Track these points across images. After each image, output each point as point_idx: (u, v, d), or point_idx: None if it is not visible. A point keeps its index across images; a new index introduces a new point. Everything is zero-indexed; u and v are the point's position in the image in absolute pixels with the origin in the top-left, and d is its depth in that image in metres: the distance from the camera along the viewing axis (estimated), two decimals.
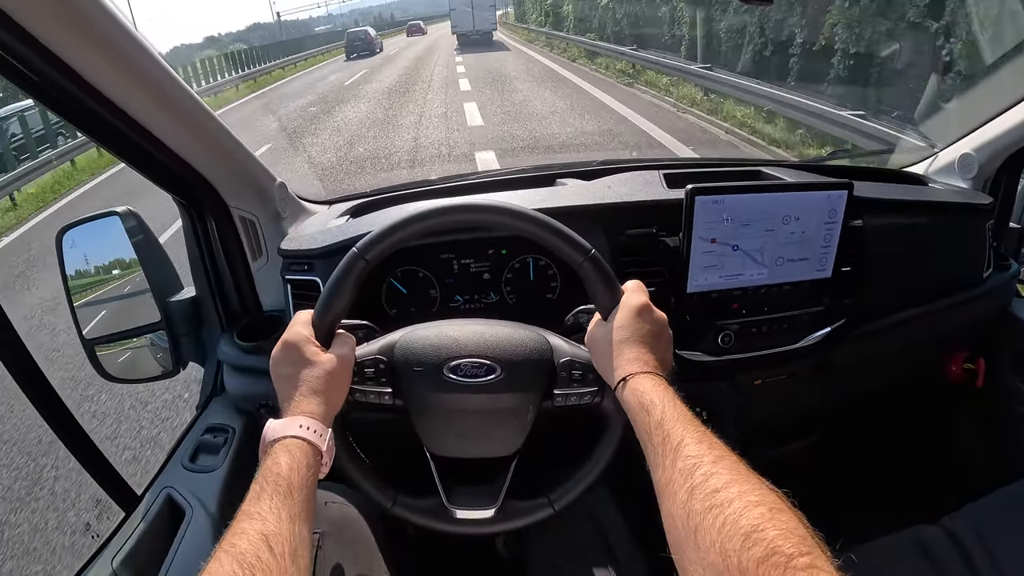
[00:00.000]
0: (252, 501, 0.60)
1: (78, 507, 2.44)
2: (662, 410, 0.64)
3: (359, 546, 0.95)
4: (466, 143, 8.01)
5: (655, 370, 0.71)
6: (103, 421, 3.03)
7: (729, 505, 0.50)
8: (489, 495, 0.84)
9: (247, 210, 1.11)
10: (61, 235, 1.09)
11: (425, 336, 0.82)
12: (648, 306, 0.77)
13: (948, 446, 1.50)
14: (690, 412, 0.64)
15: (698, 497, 0.53)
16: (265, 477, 0.62)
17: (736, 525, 0.48)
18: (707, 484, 0.53)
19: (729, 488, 0.52)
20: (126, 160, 0.95)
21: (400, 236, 0.79)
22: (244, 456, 1.07)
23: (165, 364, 1.15)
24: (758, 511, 0.49)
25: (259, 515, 0.57)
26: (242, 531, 0.55)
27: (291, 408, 0.70)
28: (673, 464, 0.58)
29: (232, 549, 0.53)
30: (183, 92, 0.91)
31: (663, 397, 0.66)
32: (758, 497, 0.51)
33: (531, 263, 1.13)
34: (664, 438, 0.61)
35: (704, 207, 0.99)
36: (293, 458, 0.64)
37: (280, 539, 0.55)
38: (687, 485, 0.55)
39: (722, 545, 0.48)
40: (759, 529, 0.47)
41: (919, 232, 1.19)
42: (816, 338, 1.11)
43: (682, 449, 0.58)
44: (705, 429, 0.61)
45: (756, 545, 0.46)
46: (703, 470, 0.55)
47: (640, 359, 0.72)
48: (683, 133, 7.81)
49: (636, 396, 0.68)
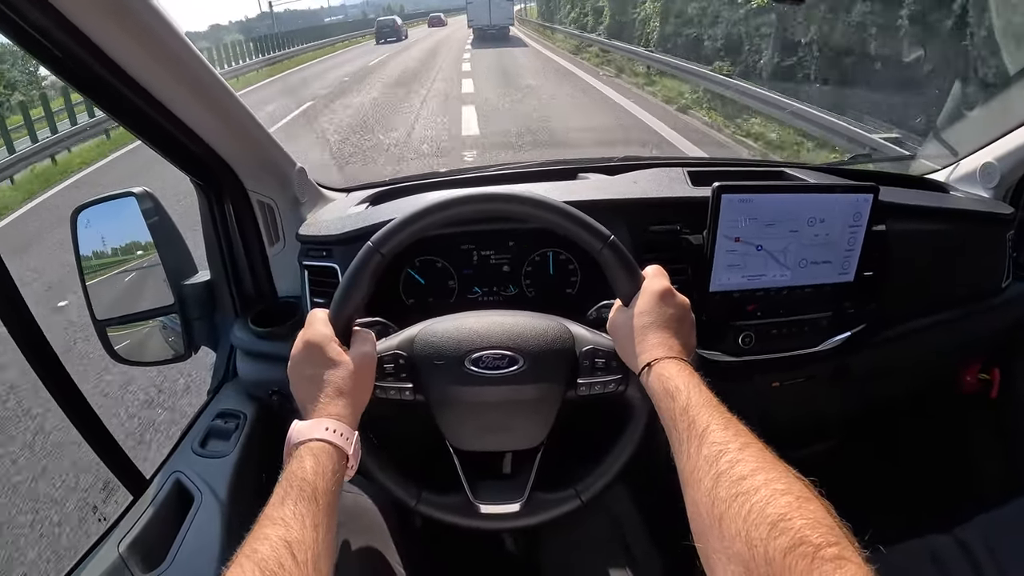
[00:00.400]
0: (275, 506, 0.58)
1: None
2: (687, 396, 0.63)
3: (373, 536, 0.94)
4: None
5: (680, 355, 0.71)
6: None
7: (756, 493, 0.49)
8: (515, 489, 0.83)
9: (266, 194, 1.10)
10: (76, 214, 1.08)
11: (445, 329, 0.81)
12: (670, 290, 0.76)
13: (961, 456, 1.49)
14: (716, 398, 0.63)
15: (724, 484, 0.52)
16: (289, 481, 0.60)
17: (762, 514, 0.47)
18: (733, 471, 0.53)
19: (755, 476, 0.51)
20: (146, 139, 0.94)
21: (415, 228, 0.78)
22: (255, 442, 1.07)
23: (176, 348, 1.13)
24: (785, 500, 0.48)
25: (282, 521, 0.56)
26: (264, 536, 0.54)
27: (316, 410, 0.69)
28: (698, 451, 0.57)
29: (254, 555, 0.52)
30: (208, 72, 0.89)
31: (688, 382, 0.65)
32: (785, 485, 0.50)
33: (551, 256, 1.12)
34: (689, 424, 0.60)
35: (730, 205, 0.98)
36: (319, 462, 0.63)
37: (303, 546, 0.54)
38: (712, 472, 0.54)
39: (748, 534, 0.47)
40: (786, 518, 0.46)
41: (941, 239, 1.19)
42: (836, 342, 1.10)
43: (708, 435, 0.58)
44: (731, 416, 0.61)
45: (783, 534, 0.45)
46: (729, 457, 0.54)
47: (664, 344, 0.71)
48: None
49: (661, 381, 0.67)
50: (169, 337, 1.15)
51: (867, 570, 0.43)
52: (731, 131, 7.65)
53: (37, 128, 10.09)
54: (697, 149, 6.85)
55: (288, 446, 0.66)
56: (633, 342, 0.73)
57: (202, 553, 0.90)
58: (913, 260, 1.15)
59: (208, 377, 1.23)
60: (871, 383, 1.26)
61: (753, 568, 0.45)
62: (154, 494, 0.97)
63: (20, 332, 0.87)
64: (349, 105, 11.19)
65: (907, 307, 1.19)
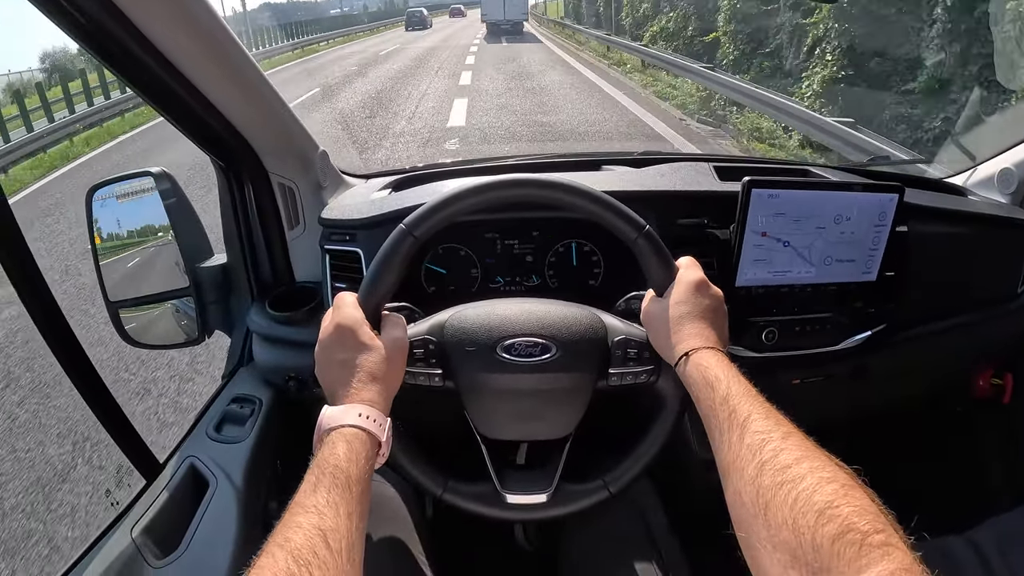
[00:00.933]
0: (307, 493, 0.56)
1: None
2: (727, 385, 0.63)
3: (396, 525, 0.93)
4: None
5: (716, 345, 0.70)
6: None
7: (801, 481, 0.49)
8: (543, 479, 0.82)
9: (287, 177, 1.09)
10: (91, 193, 1.06)
11: (476, 315, 0.80)
12: (705, 281, 0.76)
13: (973, 459, 1.49)
14: (754, 388, 0.63)
15: (768, 473, 0.52)
16: (322, 468, 0.59)
17: (809, 501, 0.47)
18: (777, 460, 0.52)
19: (800, 464, 0.51)
20: (171, 117, 0.93)
21: (449, 212, 0.77)
22: (270, 428, 1.05)
23: (190, 331, 1.12)
24: (831, 487, 0.48)
25: (315, 508, 0.54)
26: (297, 525, 0.53)
27: (348, 395, 0.67)
28: (740, 440, 0.57)
29: (287, 544, 0.50)
30: (238, 51, 0.88)
31: (727, 372, 0.65)
32: (831, 473, 0.50)
33: (575, 247, 1.11)
34: (730, 413, 0.60)
35: (759, 200, 0.97)
36: (352, 449, 0.61)
37: (337, 535, 0.53)
38: (756, 461, 0.53)
39: (795, 521, 0.47)
40: (833, 505, 0.46)
41: (959, 243, 1.19)
42: (856, 341, 1.10)
43: (749, 424, 0.57)
44: (770, 405, 0.60)
45: (831, 522, 0.45)
46: (772, 446, 0.54)
47: (701, 334, 0.71)
48: None
49: (700, 371, 0.66)
50: (182, 320, 1.13)
51: (913, 557, 0.43)
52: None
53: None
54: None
55: (319, 431, 0.65)
56: (669, 332, 0.73)
57: (217, 539, 0.88)
58: (932, 262, 1.15)
59: (221, 361, 1.21)
60: (887, 384, 1.26)
61: (800, 555, 0.45)
62: (168, 479, 0.96)
63: (38, 308, 0.85)
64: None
65: (925, 309, 1.19)
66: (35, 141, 9.65)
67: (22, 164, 9.12)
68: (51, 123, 10.31)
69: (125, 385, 2.99)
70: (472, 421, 0.81)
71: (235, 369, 1.15)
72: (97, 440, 2.53)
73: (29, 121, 10.20)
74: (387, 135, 8.16)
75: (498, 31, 24.90)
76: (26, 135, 9.78)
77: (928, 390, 1.42)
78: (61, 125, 10.31)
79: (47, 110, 10.59)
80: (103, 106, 11.24)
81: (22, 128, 10.13)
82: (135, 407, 2.82)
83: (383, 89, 12.36)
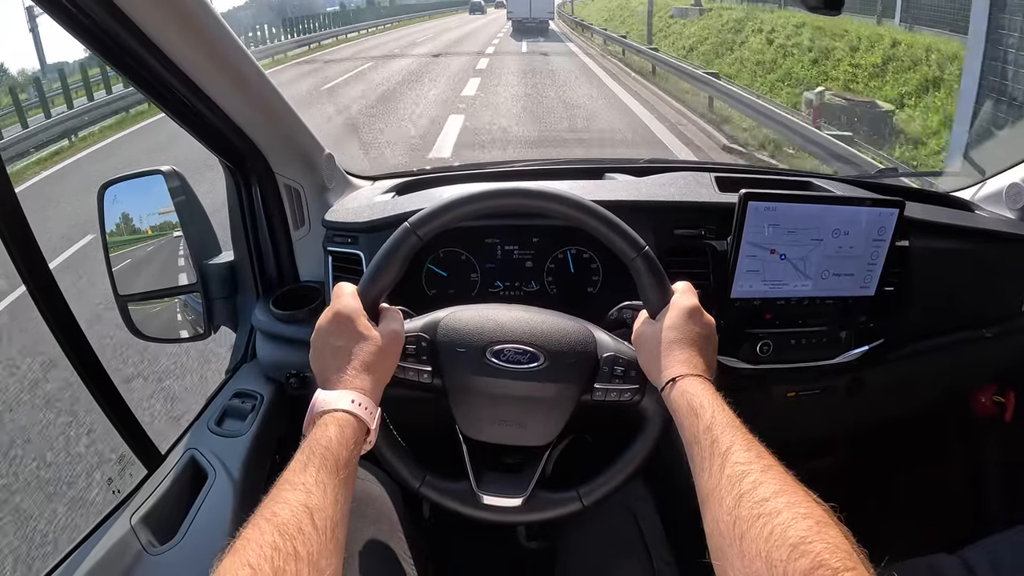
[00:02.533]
0: (296, 471, 0.58)
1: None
2: (711, 414, 0.64)
3: (381, 524, 0.95)
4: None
5: (704, 373, 0.71)
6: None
7: (778, 515, 0.50)
8: (518, 484, 0.83)
9: (293, 179, 1.11)
10: (103, 190, 1.09)
11: (470, 317, 0.82)
12: (699, 308, 0.77)
13: (970, 478, 1.48)
14: (738, 419, 0.64)
15: (746, 504, 0.53)
16: (312, 448, 0.61)
17: (784, 536, 0.48)
18: (756, 492, 0.53)
19: (778, 498, 0.52)
20: (178, 119, 0.95)
21: (454, 215, 0.79)
22: (270, 423, 1.07)
23: (197, 326, 1.15)
24: (806, 523, 0.49)
25: (303, 486, 0.56)
26: (284, 500, 0.54)
27: (342, 382, 0.69)
28: (721, 469, 0.58)
29: (274, 518, 0.52)
30: (241, 54, 0.91)
31: (712, 401, 0.66)
32: (807, 509, 0.51)
33: (574, 255, 1.12)
34: (712, 442, 0.61)
35: (756, 213, 0.98)
36: (343, 433, 0.63)
37: (323, 514, 0.55)
38: (735, 492, 0.54)
39: (768, 554, 0.48)
40: (807, 541, 0.47)
41: (963, 259, 1.18)
42: (853, 356, 1.10)
43: (731, 455, 0.58)
44: (753, 437, 0.61)
45: (803, 557, 0.46)
46: (752, 478, 0.55)
47: (690, 361, 0.72)
48: None
49: (685, 398, 0.67)
50: (189, 315, 1.16)
51: None
52: None
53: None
54: None
55: (311, 413, 0.67)
56: (659, 356, 0.73)
57: (213, 530, 0.91)
58: (934, 278, 1.15)
59: (226, 357, 1.24)
60: (885, 399, 1.26)
61: None
62: (169, 469, 0.98)
63: (42, 296, 0.88)
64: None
65: (925, 324, 1.18)
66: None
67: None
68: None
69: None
70: (456, 420, 0.83)
71: (238, 365, 1.18)
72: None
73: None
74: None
75: (523, 28, 24.97)
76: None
77: (927, 406, 1.41)
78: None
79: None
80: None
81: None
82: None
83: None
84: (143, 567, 0.85)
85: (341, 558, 0.56)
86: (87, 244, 4.96)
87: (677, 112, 9.32)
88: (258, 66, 0.95)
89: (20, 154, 8.99)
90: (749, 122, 7.79)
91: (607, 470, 0.82)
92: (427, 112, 9.47)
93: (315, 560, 0.51)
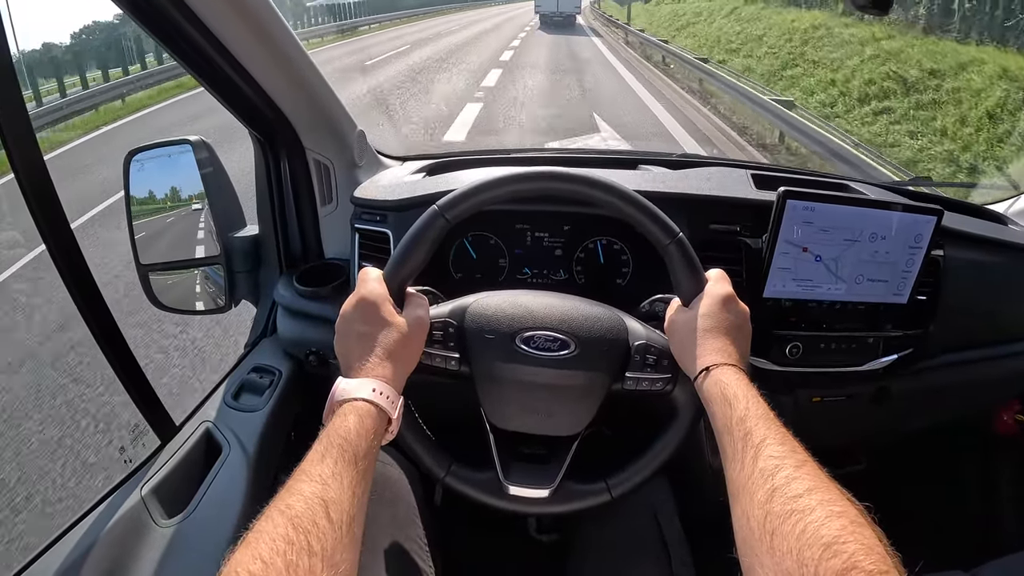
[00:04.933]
0: (314, 462, 0.57)
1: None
2: (746, 405, 0.62)
3: (398, 508, 0.93)
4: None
5: (738, 363, 0.69)
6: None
7: (811, 512, 0.49)
8: (545, 475, 0.81)
9: (323, 154, 1.10)
10: (130, 158, 1.08)
11: (499, 303, 0.80)
12: (733, 296, 0.75)
13: (988, 495, 1.46)
14: (772, 411, 0.62)
15: (779, 500, 0.51)
16: (331, 439, 0.59)
17: (817, 534, 0.47)
18: (789, 488, 0.52)
19: (812, 494, 0.51)
20: (213, 90, 0.95)
21: (483, 198, 0.77)
22: (287, 400, 1.06)
23: (217, 299, 1.14)
24: (840, 522, 0.48)
25: (320, 478, 0.55)
26: (300, 492, 0.53)
27: (364, 370, 0.67)
28: (754, 462, 0.56)
29: (288, 510, 0.51)
30: (284, 31, 0.90)
31: (747, 392, 0.64)
32: (841, 508, 0.49)
33: (605, 245, 1.11)
34: (746, 434, 0.59)
35: (794, 211, 0.96)
36: (362, 423, 0.62)
37: (339, 507, 0.53)
38: (768, 486, 0.53)
39: (800, 552, 0.46)
40: (840, 541, 0.46)
41: (996, 272, 1.16)
42: (881, 363, 1.08)
43: (764, 448, 0.57)
44: (787, 431, 0.60)
45: (836, 557, 0.45)
46: (785, 473, 0.53)
47: (724, 350, 0.70)
48: None
49: (719, 387, 0.66)
50: (210, 288, 1.15)
51: None
52: None
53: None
54: None
55: (331, 402, 0.65)
56: (692, 344, 0.72)
57: (225, 504, 0.90)
58: (966, 289, 1.13)
59: (244, 331, 1.23)
60: (909, 410, 1.24)
61: None
62: (182, 442, 0.97)
63: (64, 260, 0.86)
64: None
65: (955, 337, 1.16)
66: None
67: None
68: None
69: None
70: (483, 408, 0.81)
71: (258, 339, 1.17)
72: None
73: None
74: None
75: (550, 22, 25.46)
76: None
77: (950, 420, 1.39)
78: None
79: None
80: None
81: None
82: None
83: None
84: (151, 538, 0.84)
85: (357, 552, 0.54)
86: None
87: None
88: (296, 40, 0.94)
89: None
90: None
91: (636, 461, 0.80)
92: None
93: (329, 555, 0.49)
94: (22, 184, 0.72)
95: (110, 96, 10.50)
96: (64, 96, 10.15)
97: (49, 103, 9.62)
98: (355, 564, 0.53)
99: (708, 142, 7.20)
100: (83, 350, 2.97)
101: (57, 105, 9.50)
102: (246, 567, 0.46)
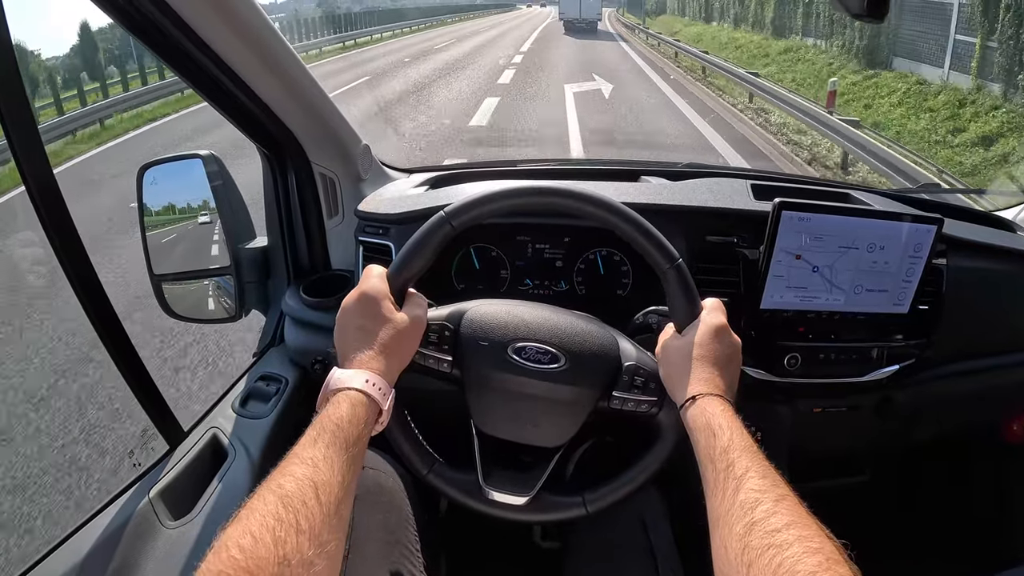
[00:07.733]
0: (306, 446, 0.59)
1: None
2: (730, 437, 0.63)
3: (391, 514, 0.94)
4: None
5: (725, 394, 0.70)
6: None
7: (788, 548, 0.49)
8: (525, 483, 0.82)
9: (329, 168, 1.13)
10: (143, 172, 1.12)
11: (495, 312, 0.82)
12: (726, 328, 0.76)
13: (996, 506, 1.44)
14: (756, 443, 0.63)
15: (757, 534, 0.52)
16: (323, 424, 0.61)
17: (792, 570, 0.48)
18: (768, 522, 0.53)
19: (790, 530, 0.51)
20: (219, 107, 0.98)
21: (489, 208, 0.78)
22: (293, 408, 1.09)
23: (228, 308, 1.17)
24: (816, 559, 0.48)
25: (311, 461, 0.57)
26: (291, 473, 0.55)
27: (358, 361, 0.69)
28: (735, 494, 0.57)
29: (279, 490, 0.53)
30: (282, 46, 0.93)
31: (732, 424, 0.65)
32: (818, 544, 0.50)
33: (605, 257, 1.12)
34: (728, 466, 0.60)
35: (790, 222, 0.96)
36: (355, 411, 0.64)
37: (328, 489, 0.55)
38: (747, 519, 0.54)
39: None
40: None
41: (1001, 280, 1.15)
42: (883, 374, 1.07)
43: (745, 481, 0.58)
44: (769, 464, 0.60)
45: None
46: (765, 507, 0.54)
47: (712, 381, 0.71)
48: None
49: (705, 417, 0.67)
50: (221, 297, 1.18)
51: None
52: None
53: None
54: None
55: (326, 390, 0.67)
56: (681, 372, 0.73)
57: (228, 508, 0.92)
58: (970, 298, 1.12)
59: (253, 340, 1.26)
60: (912, 420, 1.22)
61: None
62: (190, 446, 1.00)
63: (73, 268, 0.89)
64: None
65: (959, 346, 1.15)
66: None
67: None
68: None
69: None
70: (471, 413, 0.83)
71: (266, 348, 1.19)
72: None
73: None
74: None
75: (573, 27, 25.95)
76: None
77: (955, 430, 1.37)
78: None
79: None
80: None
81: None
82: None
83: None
84: (157, 540, 0.87)
85: (343, 535, 0.56)
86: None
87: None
88: (298, 58, 0.97)
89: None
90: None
91: (616, 480, 0.81)
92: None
93: (317, 533, 0.51)
94: (32, 195, 0.75)
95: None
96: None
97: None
98: (341, 545, 0.55)
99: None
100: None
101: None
102: (236, 541, 0.48)
